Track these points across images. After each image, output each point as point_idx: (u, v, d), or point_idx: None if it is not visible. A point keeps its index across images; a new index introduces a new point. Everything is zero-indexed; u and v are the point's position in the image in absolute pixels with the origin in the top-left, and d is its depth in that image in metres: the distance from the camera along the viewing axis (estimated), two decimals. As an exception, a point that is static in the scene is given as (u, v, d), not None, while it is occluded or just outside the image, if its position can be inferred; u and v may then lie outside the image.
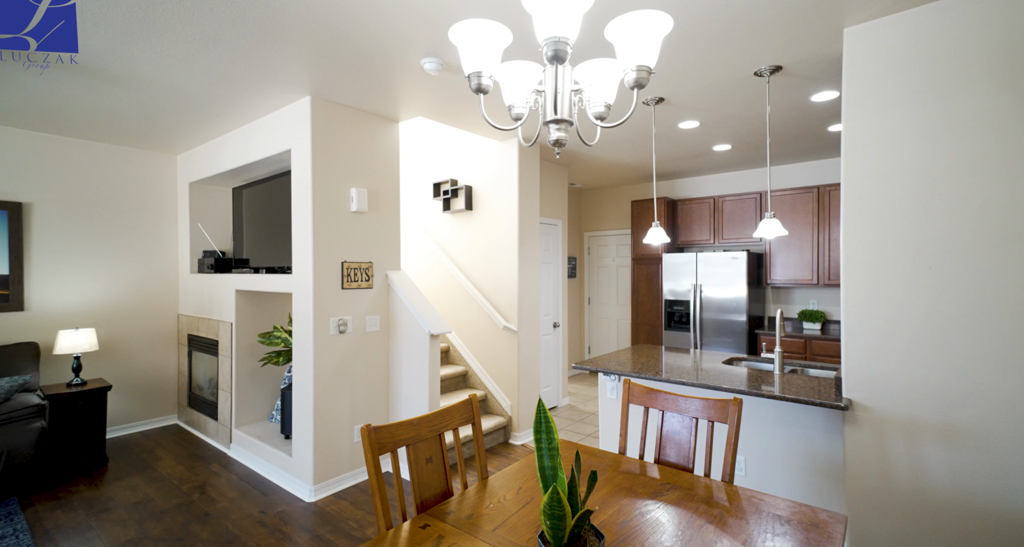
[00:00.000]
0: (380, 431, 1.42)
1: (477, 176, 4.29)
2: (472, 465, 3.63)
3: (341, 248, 3.18)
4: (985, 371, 1.86)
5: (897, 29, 2.03)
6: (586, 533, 1.05)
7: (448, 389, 4.17)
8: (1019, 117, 1.79)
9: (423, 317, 3.19)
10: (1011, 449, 1.82)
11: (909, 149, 2.01)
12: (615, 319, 6.37)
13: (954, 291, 1.92)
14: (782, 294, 4.99)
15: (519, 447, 3.93)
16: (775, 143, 4.10)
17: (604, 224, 6.42)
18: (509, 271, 4.02)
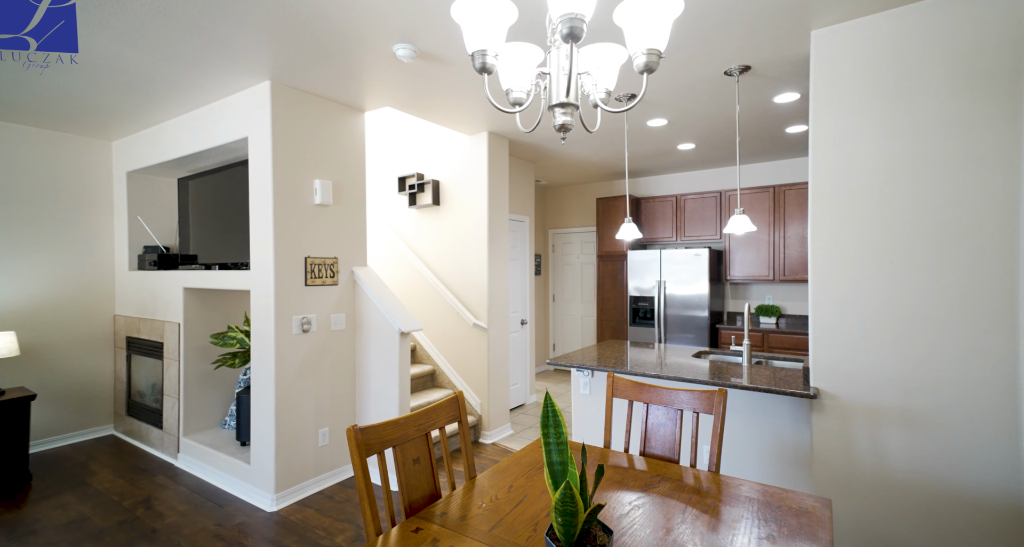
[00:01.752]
0: (367, 432, 1.33)
1: (445, 170, 4.19)
2: (442, 464, 3.54)
3: (304, 243, 3.01)
4: (940, 358, 1.99)
5: (861, 33, 2.14)
6: (594, 528, 1.02)
7: (416, 389, 4.05)
8: (969, 121, 1.93)
9: (393, 314, 3.07)
10: (963, 431, 1.96)
11: (872, 148, 2.12)
12: (579, 316, 6.43)
13: (912, 284, 2.04)
14: (740, 290, 5.20)
15: (489, 446, 3.88)
16: (733, 143, 4.25)
17: (569, 221, 6.46)
18: (479, 268, 3.95)
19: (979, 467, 1.93)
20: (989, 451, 1.91)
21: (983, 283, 1.92)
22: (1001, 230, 1.89)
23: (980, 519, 1.93)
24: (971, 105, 1.93)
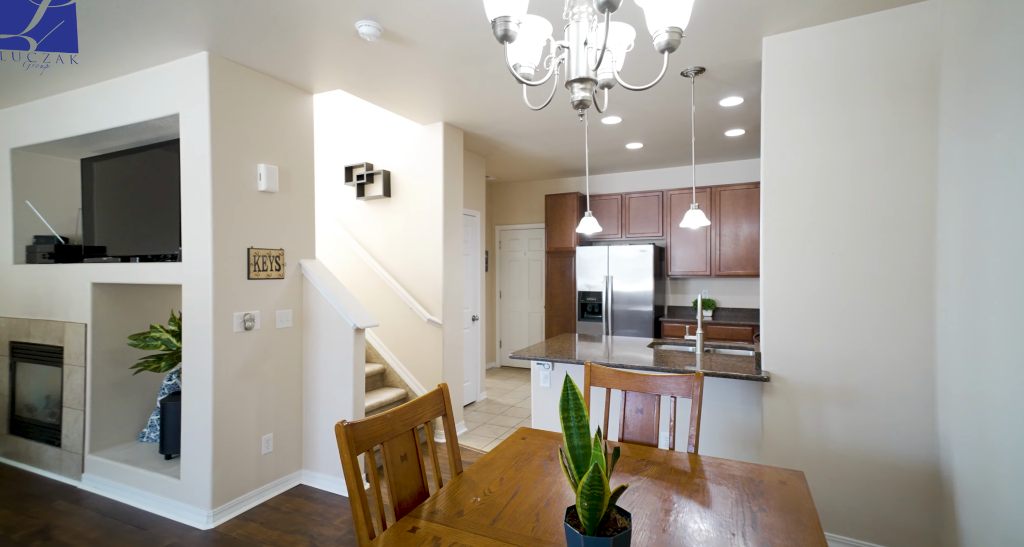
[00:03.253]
0: (356, 428, 1.23)
1: (396, 161, 4.03)
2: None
3: (247, 233, 2.75)
4: (873, 341, 2.21)
5: (807, 43, 2.32)
6: (612, 512, 1.01)
7: (366, 388, 3.85)
8: (899, 126, 2.16)
9: (346, 310, 2.89)
10: (891, 405, 2.19)
11: (818, 149, 2.31)
12: (526, 313, 6.47)
13: (850, 273, 2.25)
14: (680, 285, 5.50)
15: (442, 445, 3.78)
16: (678, 144, 4.48)
17: (516, 218, 6.48)
18: (433, 262, 3.84)
19: (903, 436, 2.17)
20: (912, 422, 2.16)
21: (907, 272, 2.16)
22: (921, 224, 2.13)
23: (905, 481, 2.17)
24: (898, 112, 2.16)
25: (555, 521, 1.22)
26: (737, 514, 1.24)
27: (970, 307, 1.78)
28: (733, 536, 1.14)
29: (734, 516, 1.23)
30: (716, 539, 1.13)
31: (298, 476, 3.09)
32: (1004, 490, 1.58)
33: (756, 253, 4.82)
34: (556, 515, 1.25)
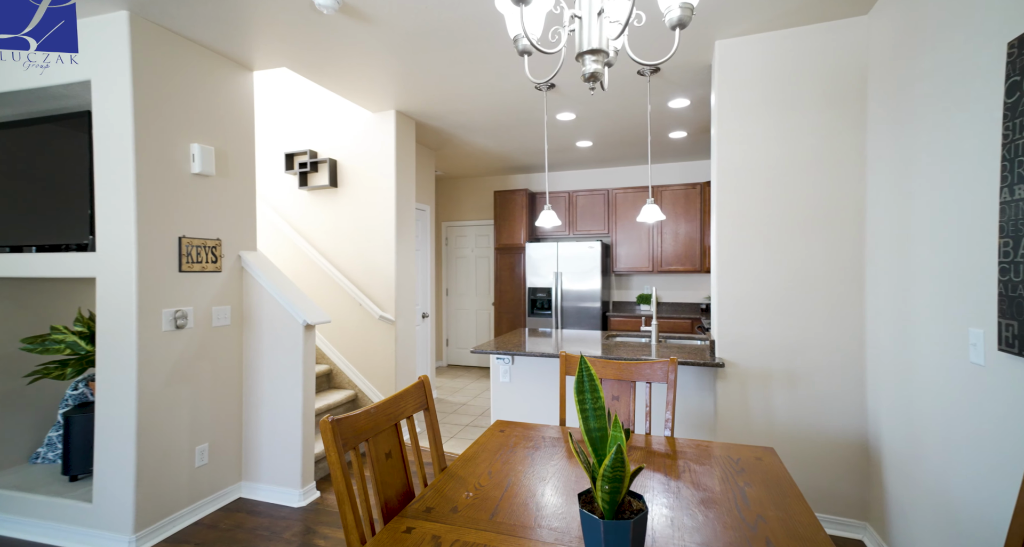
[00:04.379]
0: (342, 424, 1.11)
1: (343, 149, 3.81)
2: (349, 473, 3.19)
3: (178, 220, 2.46)
4: (814, 326, 2.40)
5: (756, 48, 2.48)
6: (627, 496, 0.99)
7: (310, 392, 3.60)
8: (834, 130, 2.36)
9: (295, 305, 2.68)
10: (828, 385, 2.39)
11: (764, 149, 2.47)
12: (474, 310, 6.40)
13: (794, 265, 2.43)
14: (623, 280, 5.69)
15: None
16: (626, 143, 4.64)
17: (463, 214, 6.39)
18: (385, 257, 3.67)
19: (838, 412, 2.38)
20: (845, 399, 2.37)
21: (841, 263, 2.37)
22: (854, 220, 2.35)
23: (839, 454, 2.38)
24: (835, 117, 2.36)
25: (555, 509, 1.19)
26: (727, 490, 1.28)
27: (899, 292, 1.99)
28: (731, 510, 1.17)
29: (724, 492, 1.27)
30: (717, 514, 1.15)
31: (237, 489, 2.81)
32: (930, 454, 1.77)
33: (694, 250, 5.11)
34: (555, 503, 1.22)
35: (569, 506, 1.20)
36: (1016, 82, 1.30)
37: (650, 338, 3.24)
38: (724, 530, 1.09)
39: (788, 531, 1.08)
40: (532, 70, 2.89)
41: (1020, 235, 1.27)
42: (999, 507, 1.40)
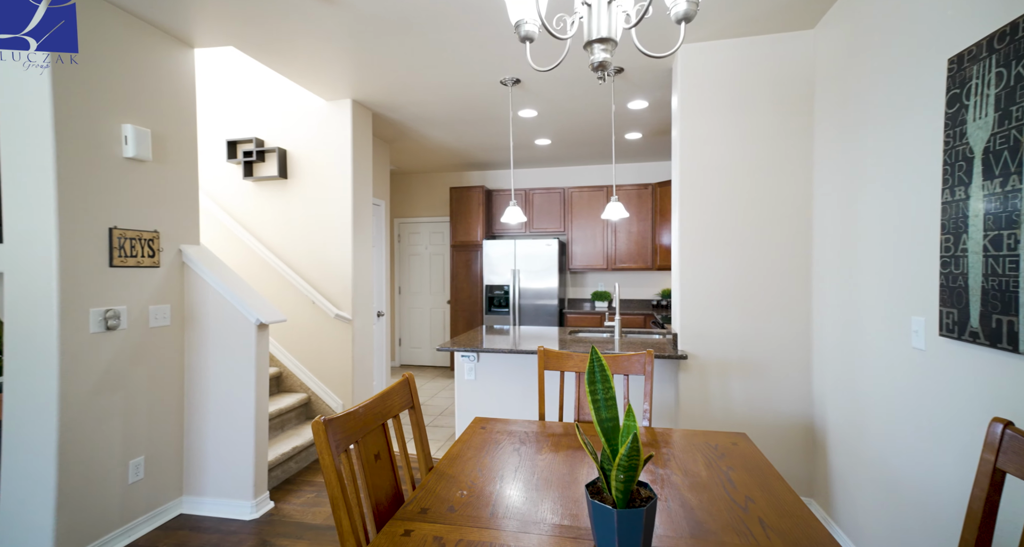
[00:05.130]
0: (334, 425, 1.03)
1: (294, 139, 3.59)
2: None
3: (109, 208, 2.21)
4: (766, 318, 2.56)
5: (717, 54, 2.60)
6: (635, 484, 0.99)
7: (258, 397, 3.36)
8: (785, 134, 2.53)
9: (246, 303, 2.48)
10: (779, 373, 2.56)
11: (723, 151, 2.60)
12: (427, 309, 6.27)
13: (750, 260, 2.58)
14: (578, 278, 5.80)
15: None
16: (584, 143, 4.72)
17: (417, 211, 6.24)
18: (341, 253, 3.50)
19: (788, 398, 2.55)
20: (794, 386, 2.55)
21: (792, 259, 2.54)
22: (802, 220, 2.53)
23: (788, 436, 2.56)
24: (785, 122, 2.53)
25: (555, 502, 1.17)
26: (713, 475, 1.33)
27: (846, 285, 2.16)
28: (721, 493, 1.22)
29: (711, 477, 1.32)
30: (710, 498, 1.19)
31: (178, 504, 2.57)
32: (874, 432, 1.93)
33: (646, 248, 5.30)
34: (553, 497, 1.20)
35: (568, 498, 1.20)
36: (956, 94, 1.45)
37: (612, 333, 3.32)
38: (719, 512, 1.13)
39: (777, 510, 1.14)
40: (506, 64, 2.86)
41: (960, 232, 1.42)
42: (938, 476, 1.55)
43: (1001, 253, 1.27)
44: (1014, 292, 1.24)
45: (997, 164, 1.29)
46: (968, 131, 1.40)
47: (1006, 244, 1.26)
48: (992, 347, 1.31)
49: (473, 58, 2.80)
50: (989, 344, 1.31)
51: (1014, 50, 1.25)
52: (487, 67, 2.92)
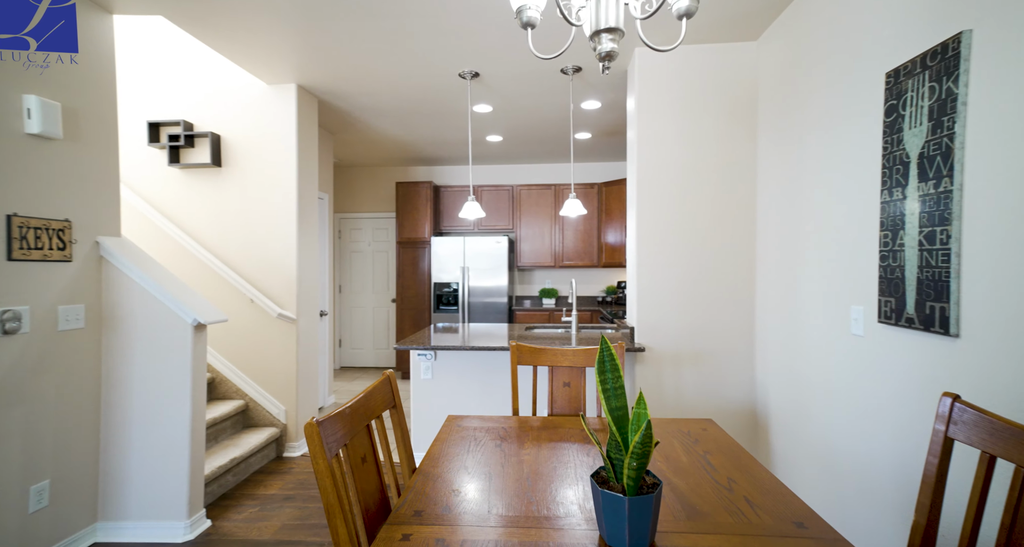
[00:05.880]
0: (326, 426, 0.94)
1: (230, 123, 3.29)
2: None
3: (7, 193, 1.89)
4: (715, 311, 2.71)
5: (670, 59, 2.71)
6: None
7: (187, 406, 3.04)
8: (732, 137, 2.69)
9: (182, 302, 2.23)
10: (726, 362, 2.72)
11: (677, 152, 2.72)
12: (370, 308, 6.03)
13: (701, 257, 2.72)
14: (526, 275, 5.84)
15: (299, 459, 3.25)
16: (535, 141, 4.76)
17: (360, 206, 5.98)
18: (285, 248, 3.26)
19: (734, 384, 2.73)
20: (739, 373, 2.72)
21: (737, 256, 2.71)
22: (747, 217, 2.71)
23: (736, 420, 2.73)
24: (732, 126, 2.70)
25: (552, 495, 1.15)
26: (693, 460, 1.38)
27: (789, 279, 2.34)
28: (704, 477, 1.26)
29: (692, 462, 1.36)
30: (697, 481, 1.23)
31: (92, 532, 2.26)
32: (815, 414, 2.11)
33: (593, 246, 5.44)
34: (549, 490, 1.18)
35: (563, 491, 1.18)
36: (893, 105, 1.61)
37: (568, 329, 3.37)
38: (707, 495, 1.17)
39: (758, 489, 1.20)
40: (466, 57, 2.80)
41: (897, 229, 1.58)
42: (874, 451, 1.71)
43: (935, 247, 1.43)
44: (946, 282, 1.39)
45: (931, 168, 1.45)
46: (905, 138, 1.56)
47: (939, 239, 1.42)
48: (926, 331, 1.47)
49: (433, 48, 2.72)
50: (923, 328, 1.47)
51: (944, 67, 1.41)
52: (446, 59, 2.85)
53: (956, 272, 1.37)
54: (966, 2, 1.36)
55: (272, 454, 3.25)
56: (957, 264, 1.37)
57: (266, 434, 3.16)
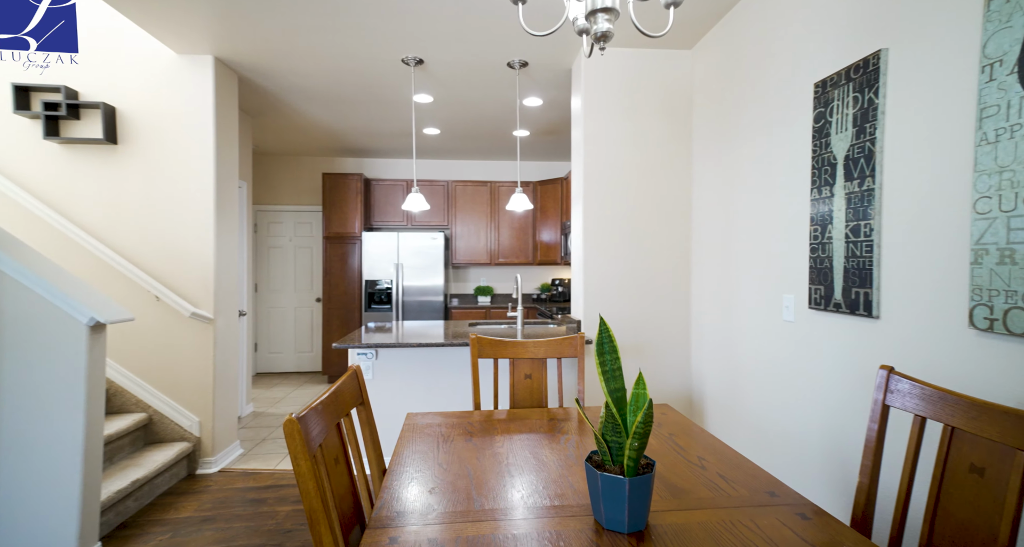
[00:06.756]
0: (307, 423, 0.82)
1: (130, 94, 2.86)
2: (150, 521, 2.41)
3: None
4: (655, 304, 2.85)
5: (616, 60, 2.80)
6: (627, 454, 1.00)
7: (73, 423, 2.59)
8: (671, 139, 2.84)
9: (72, 298, 1.89)
10: (665, 352, 2.87)
11: (621, 151, 2.82)
12: (292, 307, 5.59)
13: (643, 252, 2.84)
14: (461, 273, 5.75)
15: (218, 476, 2.90)
16: (472, 136, 4.70)
17: (280, 198, 5.52)
18: (202, 239, 2.89)
19: (672, 372, 2.88)
20: (676, 363, 2.88)
21: (676, 251, 2.87)
22: (684, 215, 2.87)
23: (675, 404, 2.87)
24: (671, 127, 2.85)
25: (537, 485, 1.12)
26: (661, 443, 1.42)
27: (724, 272, 2.51)
28: (676, 458, 1.30)
29: (661, 445, 1.40)
30: (671, 462, 1.26)
31: None
32: (749, 395, 2.29)
33: (528, 244, 5.50)
34: (532, 479, 1.15)
35: (546, 480, 1.15)
36: (821, 112, 1.79)
37: (513, 324, 3.36)
38: (684, 474, 1.20)
39: (727, 464, 1.26)
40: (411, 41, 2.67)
41: (826, 223, 1.76)
42: (805, 423, 1.89)
43: (860, 239, 1.61)
44: (869, 270, 1.57)
45: (855, 169, 1.63)
46: (832, 142, 1.74)
47: (863, 232, 1.60)
48: (852, 314, 1.64)
49: (376, 28, 2.57)
50: (849, 312, 1.65)
51: (866, 80, 1.59)
52: (390, 41, 2.71)
53: (878, 261, 1.55)
54: (884, 23, 1.54)
55: (183, 472, 2.87)
56: (879, 254, 1.55)
57: (175, 450, 2.78)
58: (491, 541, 0.89)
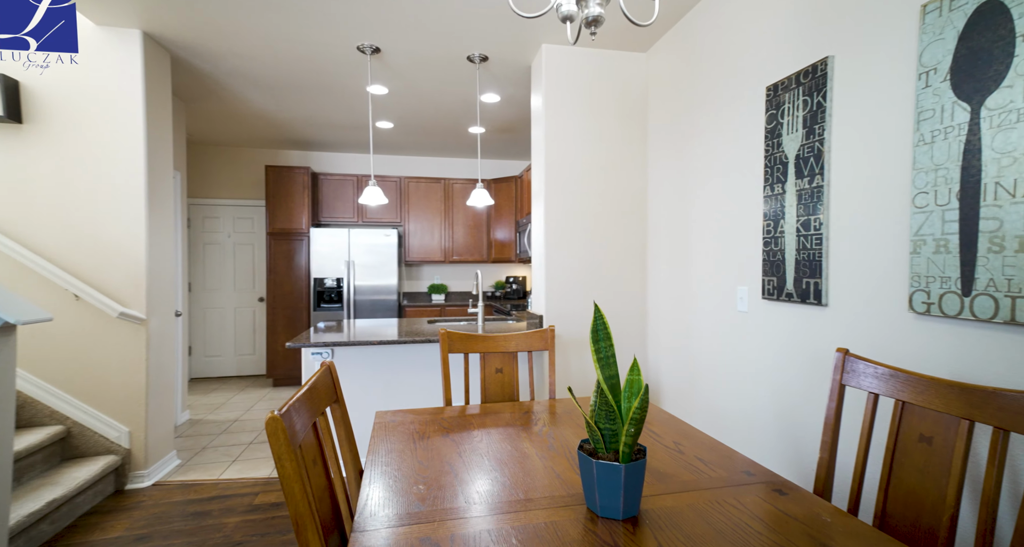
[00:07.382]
0: (290, 419, 0.75)
1: (38, 68, 2.54)
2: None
3: None
4: (614, 297, 2.91)
5: (576, 59, 2.84)
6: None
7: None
8: (628, 139, 2.92)
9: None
10: (624, 341, 2.94)
11: (582, 149, 2.85)
12: (231, 308, 5.23)
13: (601, 247, 2.89)
14: (414, 271, 5.62)
15: (150, 489, 2.65)
16: (427, 132, 4.60)
17: (218, 191, 5.14)
18: (132, 232, 2.62)
19: (631, 360, 2.96)
20: (633, 353, 2.97)
21: (633, 247, 2.95)
22: (639, 212, 2.96)
23: (630, 401, 2.97)
24: (628, 128, 2.93)
25: (523, 477, 1.10)
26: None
27: (680, 267, 2.61)
28: (656, 445, 1.33)
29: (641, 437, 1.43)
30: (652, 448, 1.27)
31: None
32: (704, 381, 2.39)
33: (482, 242, 5.46)
34: (518, 472, 1.13)
35: (533, 472, 1.14)
36: (773, 114, 1.90)
37: (472, 321, 3.31)
38: (665, 459, 1.23)
39: (703, 448, 1.30)
40: (367, 28, 2.56)
41: (778, 218, 1.87)
42: (756, 406, 2.00)
43: (810, 232, 1.73)
44: (819, 261, 1.69)
45: (806, 167, 1.75)
46: (783, 142, 1.85)
47: (813, 226, 1.71)
48: (803, 303, 1.76)
49: (330, 10, 2.44)
50: (800, 301, 1.76)
51: (815, 84, 1.71)
52: (346, 26, 2.59)
53: (827, 253, 1.66)
54: (831, 32, 1.66)
55: (109, 489, 2.60)
56: (827, 246, 1.66)
57: (100, 465, 2.51)
58: (486, 537, 0.87)
